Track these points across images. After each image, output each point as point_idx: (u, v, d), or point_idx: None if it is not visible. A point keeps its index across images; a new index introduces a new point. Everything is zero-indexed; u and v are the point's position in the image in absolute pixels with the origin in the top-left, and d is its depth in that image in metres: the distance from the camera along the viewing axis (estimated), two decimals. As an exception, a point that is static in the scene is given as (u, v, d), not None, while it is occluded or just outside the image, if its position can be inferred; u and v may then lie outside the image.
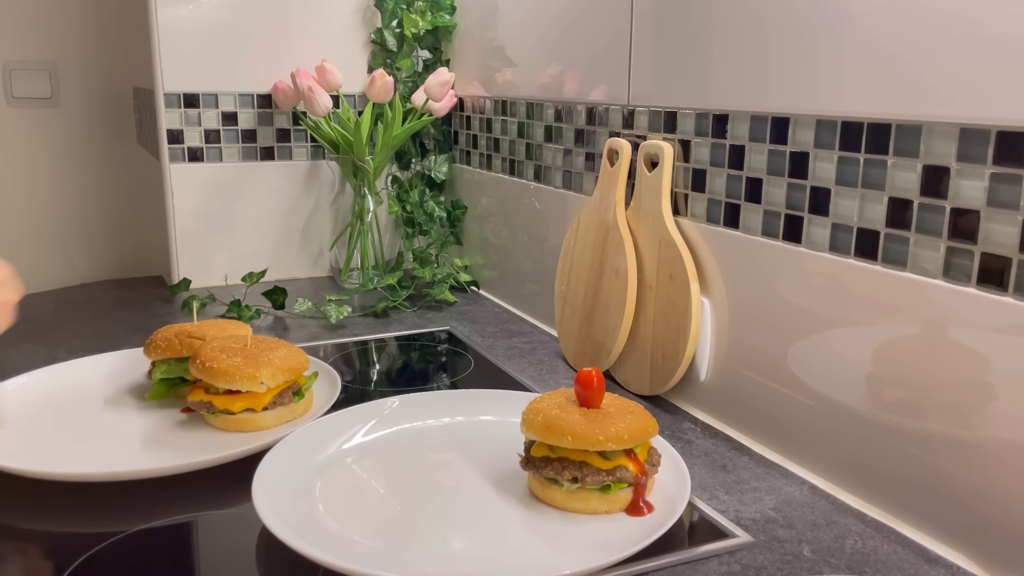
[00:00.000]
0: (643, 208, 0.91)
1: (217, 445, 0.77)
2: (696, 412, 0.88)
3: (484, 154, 1.33)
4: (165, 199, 1.33)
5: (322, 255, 1.46)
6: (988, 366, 0.59)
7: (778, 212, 0.76)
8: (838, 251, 0.70)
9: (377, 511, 0.67)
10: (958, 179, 0.60)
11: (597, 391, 0.68)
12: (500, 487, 0.71)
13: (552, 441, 0.66)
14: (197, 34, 1.29)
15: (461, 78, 1.37)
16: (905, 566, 0.61)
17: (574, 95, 1.06)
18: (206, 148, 1.34)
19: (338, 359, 1.05)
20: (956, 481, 0.62)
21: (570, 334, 1.03)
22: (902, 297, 0.65)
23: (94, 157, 1.54)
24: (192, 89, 1.31)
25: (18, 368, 0.94)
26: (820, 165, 0.71)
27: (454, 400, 0.86)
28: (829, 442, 0.73)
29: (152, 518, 0.67)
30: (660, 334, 0.89)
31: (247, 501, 0.64)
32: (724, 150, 0.82)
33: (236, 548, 0.64)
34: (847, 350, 0.70)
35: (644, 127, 0.93)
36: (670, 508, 0.65)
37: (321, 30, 1.37)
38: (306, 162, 1.41)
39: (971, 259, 0.60)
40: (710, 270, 0.85)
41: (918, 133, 0.63)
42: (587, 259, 0.99)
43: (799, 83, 0.73)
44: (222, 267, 1.38)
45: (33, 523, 0.67)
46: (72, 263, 1.54)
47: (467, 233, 1.42)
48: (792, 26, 0.73)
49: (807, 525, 0.66)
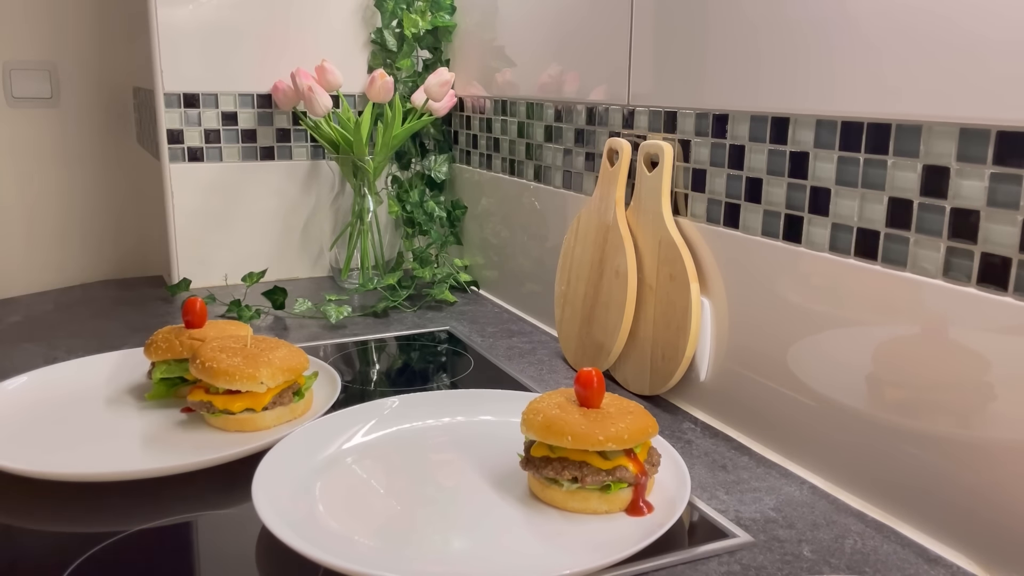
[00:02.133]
0: (643, 208, 0.91)
1: (217, 445, 0.77)
2: (696, 412, 0.88)
3: (484, 154, 1.33)
4: (165, 199, 1.33)
5: (322, 255, 1.46)
6: (988, 366, 0.59)
7: (778, 212, 0.76)
8: (838, 251, 0.70)
9: (377, 511, 0.67)
10: (958, 179, 0.60)
11: (597, 391, 0.68)
12: (500, 487, 0.71)
13: (552, 441, 0.66)
14: (197, 34, 1.29)
15: (461, 78, 1.37)
16: (905, 566, 0.61)
17: (574, 95, 1.06)
18: (206, 148, 1.34)
19: (338, 359, 1.05)
20: (956, 481, 0.62)
21: (570, 334, 1.03)
22: (902, 297, 0.65)
23: (94, 157, 1.54)
24: (192, 89, 1.31)
25: (18, 368, 0.94)
26: (820, 165, 0.71)
27: (454, 400, 0.86)
28: (829, 442, 0.73)
29: (152, 518, 0.67)
30: (660, 334, 0.89)
31: (247, 501, 0.64)
32: (724, 150, 0.82)
33: (236, 548, 0.64)
34: (847, 350, 0.70)
35: (644, 127, 0.93)
36: (670, 508, 0.65)
37: (321, 30, 1.37)
38: (306, 162, 1.41)
39: (971, 259, 0.60)
40: (710, 270, 0.85)
41: (918, 133, 0.63)
42: (587, 259, 0.99)
43: (799, 83, 0.73)
44: (222, 267, 1.38)
45: (33, 523, 0.67)
46: (72, 263, 1.54)
47: (467, 233, 1.42)
48: (792, 26, 0.73)
49: (807, 525, 0.66)
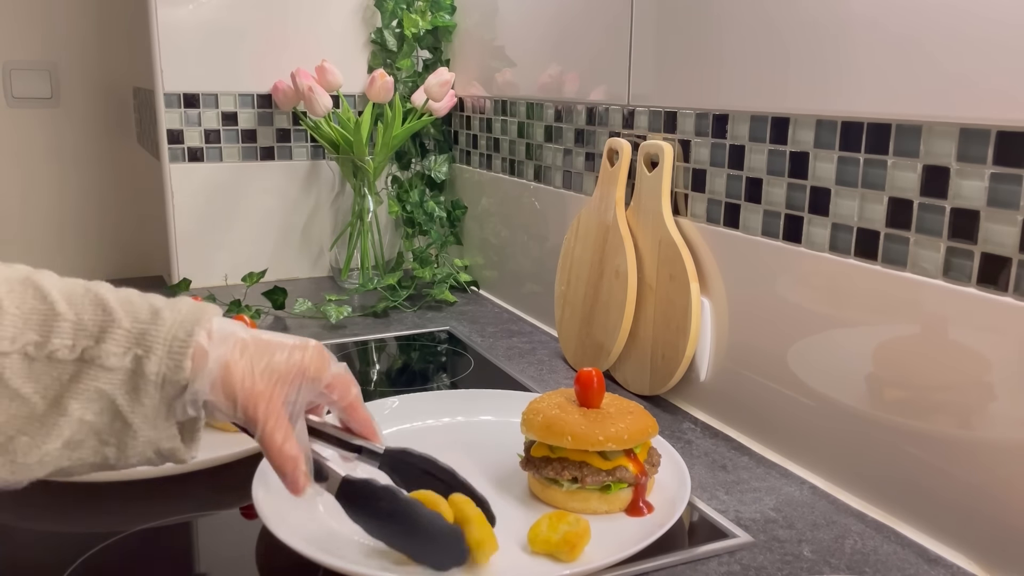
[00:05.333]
0: (643, 208, 0.91)
1: (217, 445, 0.76)
2: (696, 412, 0.88)
3: (484, 154, 1.33)
4: (165, 199, 1.33)
5: (322, 255, 1.46)
6: (988, 366, 0.59)
7: (778, 212, 0.76)
8: (838, 251, 0.70)
9: (377, 511, 0.66)
10: (958, 179, 0.60)
11: (597, 391, 0.68)
12: (500, 487, 0.71)
13: (552, 441, 0.66)
14: (197, 34, 1.29)
15: (461, 78, 1.37)
16: (905, 566, 0.61)
17: (574, 95, 1.06)
18: (206, 148, 1.34)
19: (338, 359, 1.05)
20: (956, 481, 0.62)
21: (570, 334, 1.03)
22: (902, 297, 0.65)
23: (94, 157, 1.54)
24: (192, 89, 1.31)
25: (18, 368, 0.94)
26: (820, 165, 0.71)
27: (454, 400, 0.86)
28: (829, 442, 0.73)
29: (152, 518, 0.67)
30: (660, 334, 0.89)
31: (247, 501, 0.64)
32: (724, 150, 0.82)
33: (236, 548, 0.64)
34: (847, 350, 0.70)
35: (644, 127, 0.93)
36: (670, 508, 0.65)
37: (321, 30, 1.37)
38: (306, 162, 1.41)
39: (971, 259, 0.60)
40: (710, 270, 0.85)
41: (918, 133, 0.63)
42: (587, 259, 0.99)
43: (799, 83, 0.73)
44: (222, 267, 1.38)
45: (33, 523, 0.67)
46: (72, 263, 1.54)
47: (467, 233, 1.42)
48: (792, 26, 0.73)
49: (807, 525, 0.66)
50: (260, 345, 0.53)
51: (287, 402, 0.54)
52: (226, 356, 0.51)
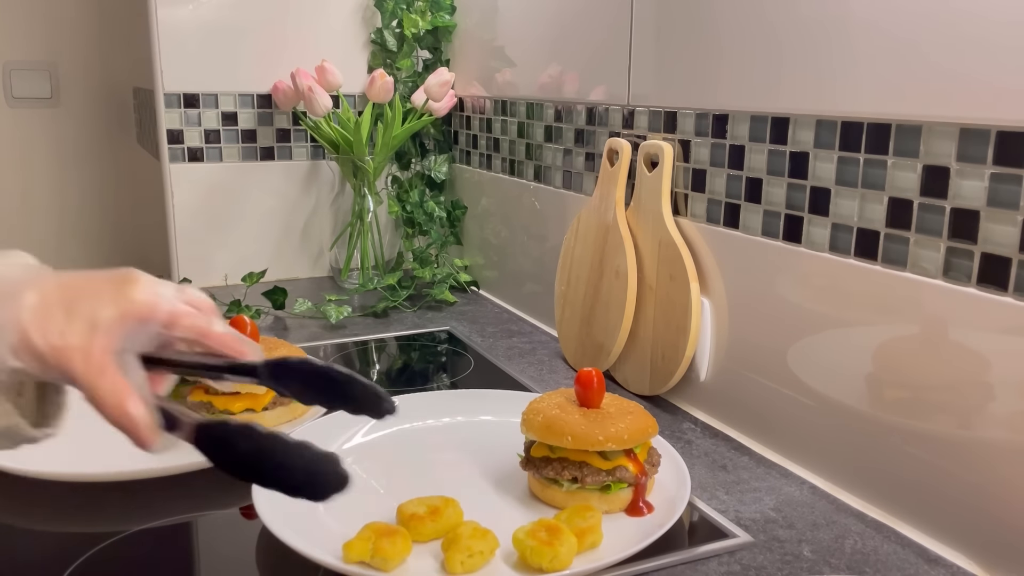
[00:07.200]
0: (643, 208, 0.91)
1: (217, 445, 0.77)
2: (696, 412, 0.88)
3: (484, 154, 1.33)
4: (165, 199, 1.33)
5: (322, 255, 1.46)
6: (988, 366, 0.59)
7: (778, 212, 0.76)
8: (838, 251, 0.70)
9: (377, 511, 0.67)
10: (958, 179, 0.60)
11: (597, 391, 0.68)
12: (500, 487, 0.71)
13: (552, 441, 0.66)
14: (197, 34, 1.29)
15: (461, 78, 1.37)
16: (905, 566, 0.61)
17: (574, 95, 1.06)
18: (206, 148, 1.34)
19: (338, 359, 1.05)
20: (956, 481, 0.62)
21: (570, 334, 1.03)
22: (902, 297, 0.65)
23: (94, 157, 1.54)
24: (192, 89, 1.31)
25: (18, 368, 0.94)
26: (820, 165, 0.71)
27: (454, 400, 0.86)
28: (829, 442, 0.73)
29: (152, 518, 0.67)
30: (660, 334, 0.89)
31: (247, 501, 0.64)
32: (724, 150, 0.82)
33: (236, 548, 0.64)
34: (847, 350, 0.70)
35: (644, 127, 0.93)
36: (670, 508, 0.65)
37: (321, 30, 1.37)
38: (306, 162, 1.41)
39: (971, 259, 0.60)
40: (710, 270, 0.85)
41: (918, 133, 0.63)
42: (587, 259, 0.99)
43: (799, 83, 0.73)
44: (222, 267, 1.38)
45: (33, 523, 0.67)
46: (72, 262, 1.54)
47: (467, 233, 1.42)
48: (792, 26, 0.73)
49: (807, 525, 0.66)
50: (67, 293, 0.46)
51: (111, 352, 0.47)
52: (18, 315, 0.44)
